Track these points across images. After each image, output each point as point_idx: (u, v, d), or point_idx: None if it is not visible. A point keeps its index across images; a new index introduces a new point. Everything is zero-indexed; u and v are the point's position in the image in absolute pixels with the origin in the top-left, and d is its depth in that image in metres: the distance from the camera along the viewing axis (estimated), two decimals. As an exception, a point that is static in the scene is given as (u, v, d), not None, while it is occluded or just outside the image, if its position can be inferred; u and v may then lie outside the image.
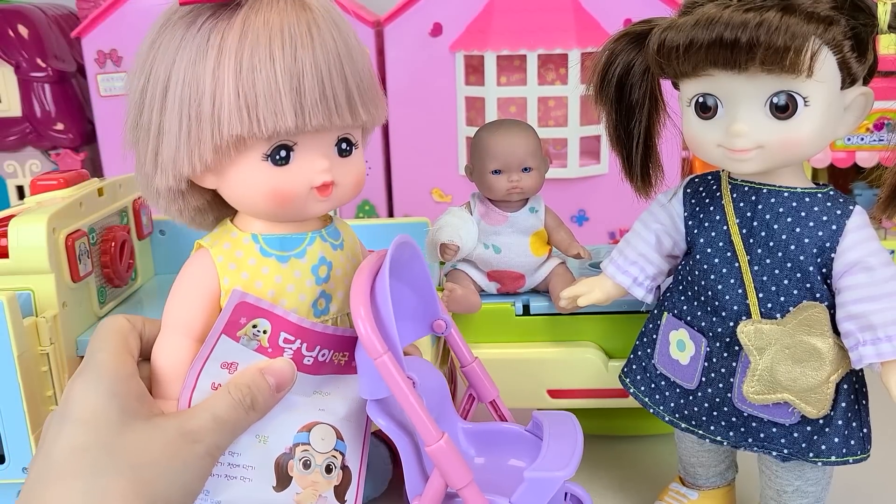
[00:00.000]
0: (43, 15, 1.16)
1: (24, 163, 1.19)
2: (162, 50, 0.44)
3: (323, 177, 0.46)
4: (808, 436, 0.52)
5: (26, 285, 0.61)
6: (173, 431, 0.43)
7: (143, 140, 0.45)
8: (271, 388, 0.47)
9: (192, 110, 0.43)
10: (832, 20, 0.45)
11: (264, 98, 0.42)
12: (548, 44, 0.98)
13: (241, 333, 0.46)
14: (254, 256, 0.47)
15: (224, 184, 0.46)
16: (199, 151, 0.43)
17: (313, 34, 0.43)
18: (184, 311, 0.47)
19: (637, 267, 0.58)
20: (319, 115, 0.43)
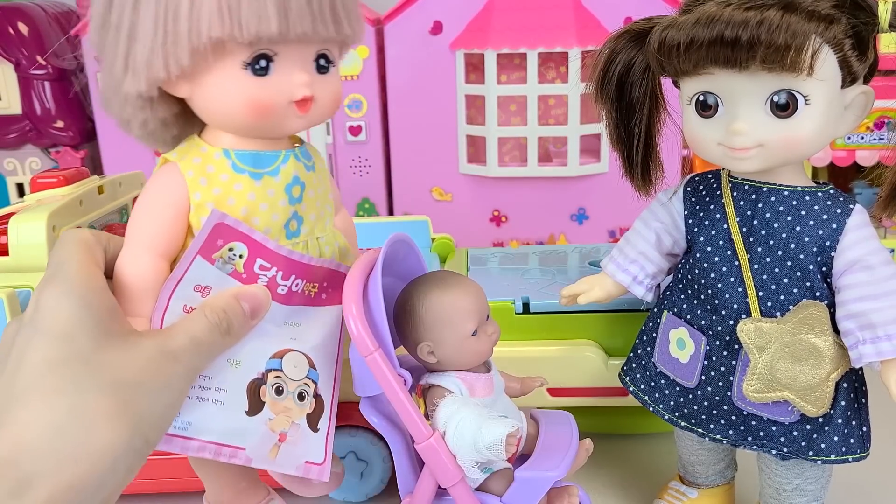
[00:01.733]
0: (43, 13, 1.16)
1: (24, 160, 1.19)
2: None
3: (303, 90, 0.44)
4: (807, 434, 0.52)
5: (26, 283, 0.61)
6: (153, 350, 0.41)
7: (113, 40, 0.42)
8: (245, 314, 0.45)
9: (170, 9, 0.40)
10: (833, 18, 0.45)
11: (248, 2, 0.40)
12: (548, 42, 0.98)
13: (217, 256, 0.45)
14: (226, 172, 0.45)
15: (199, 93, 0.43)
16: (175, 54, 0.41)
17: None
18: (151, 225, 0.45)
19: (637, 265, 0.58)
20: (305, 23, 0.42)
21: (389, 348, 0.46)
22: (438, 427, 0.48)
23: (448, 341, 0.50)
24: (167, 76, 0.42)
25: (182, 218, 0.45)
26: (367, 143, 1.09)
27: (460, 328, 0.50)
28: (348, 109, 1.07)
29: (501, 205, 1.09)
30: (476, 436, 0.47)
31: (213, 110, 0.44)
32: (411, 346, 0.51)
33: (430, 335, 0.50)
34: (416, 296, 0.50)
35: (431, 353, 0.51)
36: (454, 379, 0.51)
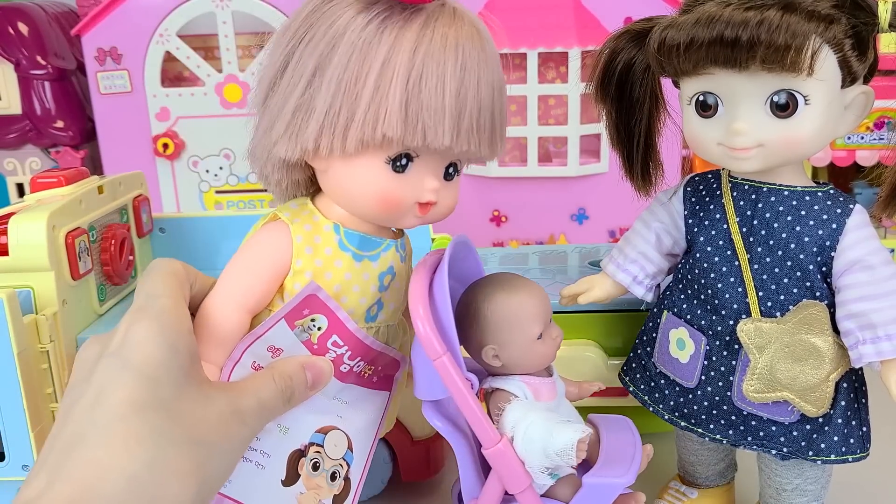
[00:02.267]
0: (43, 13, 1.16)
1: (24, 160, 1.19)
2: (322, 24, 0.42)
3: (430, 195, 0.45)
4: (807, 434, 0.52)
5: (26, 283, 0.61)
6: (226, 406, 0.41)
7: (279, 104, 0.44)
8: (307, 384, 0.46)
9: (349, 96, 0.42)
10: (833, 18, 0.45)
11: (429, 111, 0.41)
12: (548, 42, 0.98)
13: (299, 323, 0.46)
14: (331, 246, 0.46)
15: (337, 172, 0.45)
16: (342, 137, 0.42)
17: (481, 60, 0.43)
18: (248, 281, 0.46)
19: (637, 265, 0.58)
20: (469, 142, 0.43)
21: (457, 351, 0.45)
22: (506, 432, 0.47)
23: (514, 344, 0.49)
24: (325, 153, 0.43)
25: (279, 279, 0.46)
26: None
27: (527, 331, 0.49)
28: (348, 109, 1.07)
29: (501, 205, 1.09)
30: (546, 441, 0.46)
31: (344, 192, 0.46)
32: (475, 348, 0.50)
33: (495, 338, 0.49)
34: (481, 298, 0.49)
35: (496, 356, 0.49)
36: (519, 383, 0.49)
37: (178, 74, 1.13)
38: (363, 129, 0.41)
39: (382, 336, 0.50)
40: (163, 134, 1.09)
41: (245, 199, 1.12)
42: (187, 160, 1.11)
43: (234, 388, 0.43)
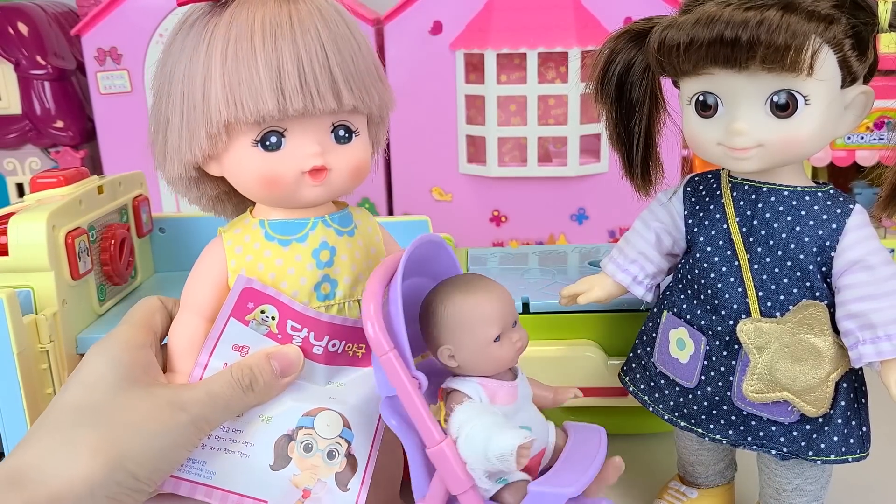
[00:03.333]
0: (43, 13, 1.16)
1: (23, 160, 1.19)
2: (173, 50, 0.48)
3: (313, 161, 0.47)
4: (807, 434, 0.52)
5: (26, 283, 0.61)
6: (163, 398, 0.46)
7: (157, 134, 0.50)
8: (275, 373, 0.48)
9: (189, 101, 0.46)
10: (833, 19, 0.45)
11: (247, 85, 0.45)
12: (548, 42, 0.98)
13: (251, 318, 0.49)
14: (259, 240, 0.50)
15: (224, 170, 0.49)
16: (196, 138, 0.47)
17: (294, 24, 0.45)
18: (195, 291, 0.50)
19: (637, 265, 0.58)
20: (300, 100, 0.45)
21: (405, 349, 0.46)
22: (451, 433, 0.47)
23: (468, 346, 0.48)
24: (194, 158, 0.48)
25: (222, 284, 0.50)
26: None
27: (481, 333, 0.48)
28: (348, 109, 1.07)
29: (501, 205, 1.09)
30: (487, 444, 0.45)
31: (238, 185, 0.50)
32: (433, 348, 0.50)
33: (450, 339, 0.49)
34: (439, 298, 0.49)
35: (452, 356, 0.49)
36: (475, 385, 0.49)
37: (178, 74, 1.13)
38: (206, 122, 0.46)
39: (352, 312, 0.51)
40: (163, 134, 1.08)
41: (245, 199, 1.12)
42: (187, 160, 1.10)
43: (183, 385, 0.48)
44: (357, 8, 1.04)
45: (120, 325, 0.50)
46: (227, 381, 0.48)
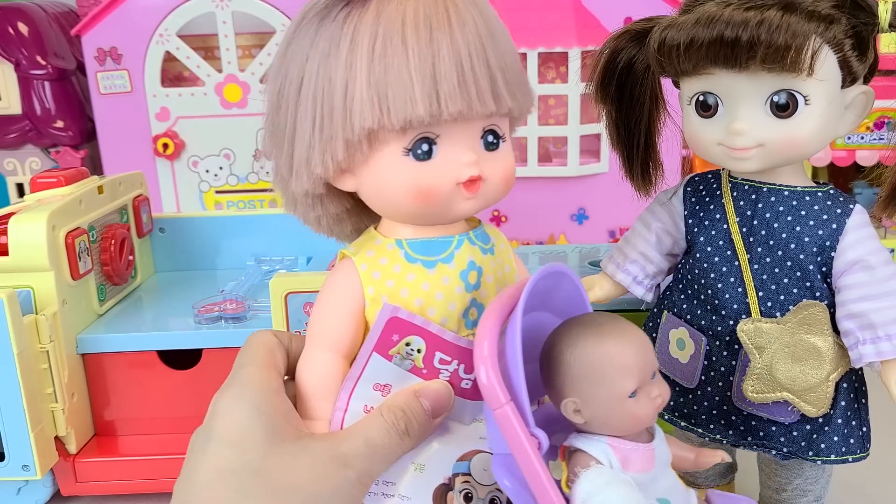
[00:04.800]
0: (43, 13, 1.16)
1: (24, 160, 1.19)
2: (297, 49, 0.41)
3: (469, 170, 0.41)
4: (807, 434, 0.52)
5: (26, 283, 0.62)
6: (323, 454, 0.40)
7: (279, 144, 0.42)
8: (426, 413, 0.42)
9: (325, 105, 0.40)
10: (833, 19, 0.45)
11: (396, 86, 0.38)
12: (548, 42, 0.98)
13: (394, 352, 0.42)
14: (399, 263, 0.43)
15: (363, 184, 0.42)
16: (330, 149, 0.40)
17: (451, 15, 0.39)
18: (327, 324, 0.44)
19: (637, 265, 0.58)
20: (458, 102, 0.39)
21: (524, 402, 0.39)
22: (576, 502, 0.40)
23: (599, 401, 0.41)
24: (325, 172, 0.41)
25: (358, 314, 0.43)
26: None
27: (616, 387, 0.41)
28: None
29: (501, 205, 1.09)
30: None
31: (379, 200, 0.43)
32: (556, 398, 0.43)
33: (577, 390, 0.41)
34: (566, 341, 0.42)
35: (578, 411, 0.42)
36: (604, 446, 0.42)
37: (178, 74, 1.13)
38: (344, 131, 0.40)
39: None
40: (163, 134, 1.09)
41: (245, 199, 1.12)
42: (187, 160, 1.11)
43: (336, 434, 0.42)
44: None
45: (245, 368, 0.42)
46: (382, 427, 0.41)
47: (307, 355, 0.44)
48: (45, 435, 0.62)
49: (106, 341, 0.67)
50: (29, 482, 0.65)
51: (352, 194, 0.44)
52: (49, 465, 0.63)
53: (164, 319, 0.73)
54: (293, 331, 0.63)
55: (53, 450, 0.63)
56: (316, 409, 0.43)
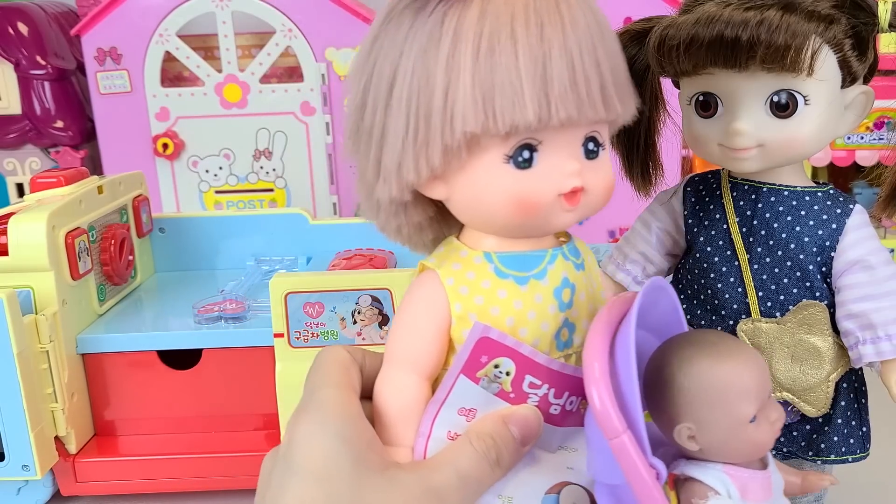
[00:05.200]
0: (43, 13, 1.16)
1: (23, 160, 1.19)
2: (387, 43, 0.37)
3: (572, 181, 0.38)
4: (807, 434, 0.52)
5: (26, 283, 0.62)
6: (415, 488, 0.37)
7: (365, 146, 0.39)
8: (516, 441, 0.39)
9: (421, 107, 0.36)
10: (833, 19, 0.45)
11: (503, 87, 0.35)
12: (548, 42, 0.98)
13: (482, 374, 0.39)
14: (488, 278, 0.40)
15: (456, 193, 0.39)
16: (426, 154, 0.36)
17: (562, 10, 0.36)
18: (410, 343, 0.40)
19: (637, 265, 0.58)
20: (568, 107, 0.36)
21: (641, 429, 0.35)
22: None
23: (717, 426, 0.38)
24: (418, 179, 0.37)
25: (443, 333, 0.40)
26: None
27: (735, 412, 0.38)
28: (348, 109, 1.07)
29: (501, 205, 1.09)
30: None
31: (473, 210, 0.39)
32: (665, 423, 0.40)
33: (693, 415, 0.38)
34: (677, 362, 0.39)
35: (692, 437, 0.39)
36: (721, 474, 0.39)
37: (178, 74, 1.13)
38: (443, 136, 0.36)
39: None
40: (162, 134, 1.09)
41: (245, 199, 1.12)
42: (187, 160, 1.11)
43: (425, 465, 0.38)
44: (357, 8, 1.04)
45: (322, 389, 0.39)
46: (472, 456, 0.38)
47: (388, 377, 0.41)
48: (45, 435, 0.62)
49: (106, 341, 0.67)
50: (29, 482, 0.65)
51: (435, 202, 0.40)
52: (49, 465, 0.63)
53: (164, 319, 0.73)
54: (293, 331, 0.63)
55: (53, 450, 0.63)
56: (399, 435, 0.40)
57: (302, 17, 1.04)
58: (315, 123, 1.07)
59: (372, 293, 0.62)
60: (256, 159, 1.10)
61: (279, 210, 1.01)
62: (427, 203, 0.41)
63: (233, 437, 0.68)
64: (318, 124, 1.07)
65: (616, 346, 0.36)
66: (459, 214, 0.40)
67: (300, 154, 1.09)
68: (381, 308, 0.63)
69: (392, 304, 0.63)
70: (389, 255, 0.77)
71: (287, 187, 1.11)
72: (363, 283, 0.63)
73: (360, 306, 0.63)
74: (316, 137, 1.08)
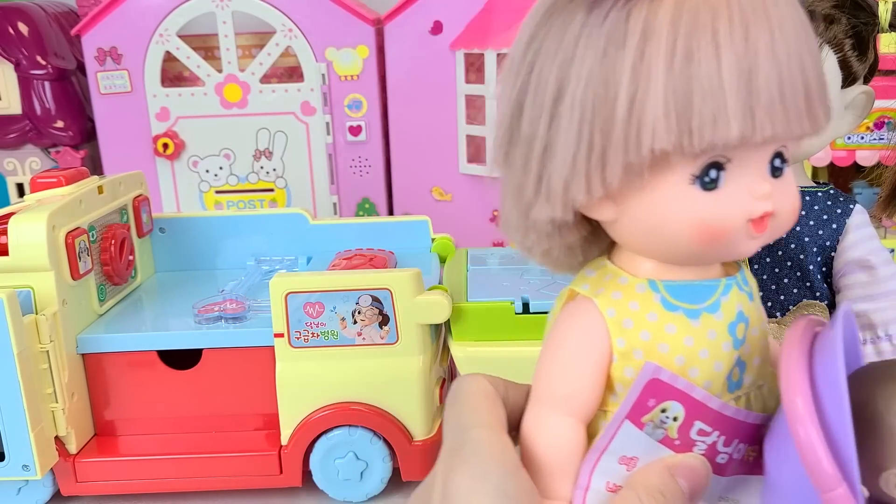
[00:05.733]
0: (43, 13, 1.16)
1: (24, 160, 1.19)
2: (549, 42, 0.33)
3: (764, 205, 0.33)
4: (807, 434, 0.52)
5: (26, 283, 0.61)
6: None
7: (523, 160, 0.34)
8: (684, 495, 0.35)
9: (598, 118, 0.31)
10: (833, 18, 0.45)
11: (703, 98, 0.30)
12: (548, 42, 0.98)
13: (647, 420, 0.35)
14: (654, 310, 0.35)
15: (628, 215, 0.34)
16: (602, 173, 0.32)
17: (769, 9, 0.31)
18: (567, 381, 0.36)
19: (637, 265, 0.58)
20: (775, 123, 0.31)
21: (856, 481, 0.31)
22: None
23: None
24: (589, 199, 0.32)
25: (603, 371, 0.35)
26: (367, 143, 1.09)
27: None
28: (348, 109, 1.07)
29: (501, 205, 1.09)
30: None
31: (648, 236, 0.34)
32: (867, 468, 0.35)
33: None
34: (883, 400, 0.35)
35: None
36: None
37: (178, 74, 1.13)
38: (626, 152, 0.31)
39: (755, 403, 0.38)
40: (163, 134, 1.09)
41: (245, 199, 1.12)
42: (187, 160, 1.11)
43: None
44: (357, 8, 1.04)
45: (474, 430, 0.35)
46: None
47: (542, 419, 0.36)
48: (45, 435, 0.62)
49: (106, 341, 0.67)
50: (29, 482, 0.65)
51: (590, 221, 0.35)
52: (49, 465, 0.63)
53: (164, 319, 0.73)
54: (293, 331, 0.63)
55: (53, 450, 0.63)
56: (556, 487, 0.36)
57: (302, 17, 1.04)
58: (315, 123, 1.07)
59: (372, 293, 0.62)
60: (257, 159, 1.10)
61: (279, 210, 1.01)
62: (583, 223, 0.36)
63: (233, 437, 0.68)
64: (318, 124, 1.07)
65: (817, 381, 0.32)
66: (626, 238, 0.35)
67: (300, 154, 1.09)
68: (381, 308, 0.63)
69: (392, 304, 0.63)
70: (389, 255, 0.77)
71: (287, 187, 1.11)
72: (363, 283, 0.63)
73: (361, 306, 0.63)
74: (316, 137, 1.08)
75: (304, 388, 0.64)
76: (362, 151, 1.09)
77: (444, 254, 0.83)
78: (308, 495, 0.67)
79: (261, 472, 0.66)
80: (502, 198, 0.36)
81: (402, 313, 0.63)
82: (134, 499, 0.68)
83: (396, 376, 0.64)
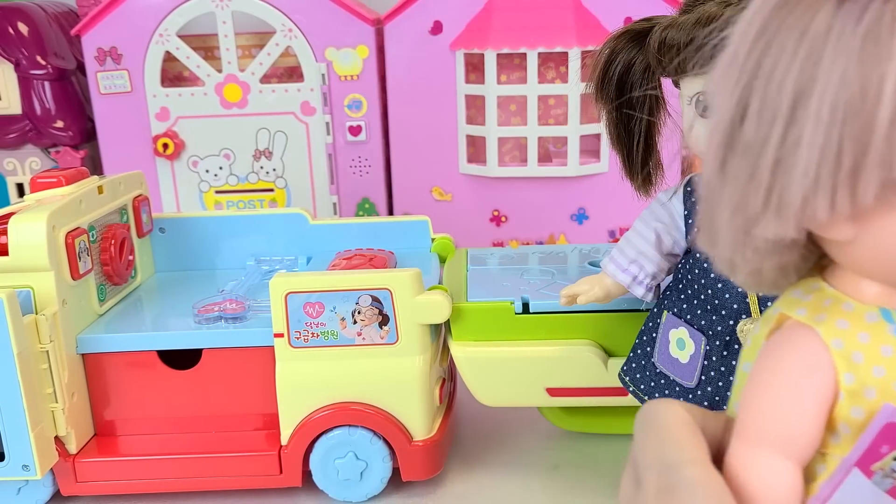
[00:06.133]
0: (43, 13, 1.16)
1: (23, 160, 1.19)
2: (786, 37, 0.28)
3: None
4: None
5: (26, 283, 0.62)
6: None
7: (748, 168, 0.30)
8: None
9: (852, 126, 0.27)
10: None
11: None
12: (548, 42, 0.98)
13: (877, 468, 0.32)
14: (890, 343, 0.31)
15: (872, 237, 0.30)
16: (852, 188, 0.28)
17: None
18: (786, 420, 0.32)
19: (637, 265, 0.58)
20: None
21: None
22: None
23: None
24: (831, 216, 0.29)
25: (826, 410, 0.32)
26: (367, 143, 1.09)
27: None
28: (348, 109, 1.07)
29: (501, 205, 1.09)
30: None
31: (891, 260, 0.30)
32: None
33: None
34: None
35: None
36: None
37: (178, 74, 1.13)
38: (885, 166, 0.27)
39: None
40: (163, 134, 1.09)
41: (245, 199, 1.12)
42: (187, 160, 1.11)
43: None
44: (357, 8, 1.04)
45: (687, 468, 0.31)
46: None
47: (758, 461, 0.33)
48: (45, 435, 0.62)
49: (106, 341, 0.67)
50: (29, 482, 0.65)
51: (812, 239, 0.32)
52: (49, 465, 0.63)
53: (164, 319, 0.73)
54: (293, 331, 0.63)
55: (53, 450, 0.63)
56: None
57: (302, 17, 1.04)
58: (315, 123, 1.07)
59: (372, 293, 0.63)
60: (256, 159, 1.10)
61: (279, 210, 1.01)
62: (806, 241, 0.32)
63: (232, 438, 0.68)
64: (318, 124, 1.07)
65: None
66: (860, 260, 0.31)
67: (300, 154, 1.09)
68: (381, 308, 0.63)
69: (392, 304, 0.63)
70: (389, 255, 0.77)
71: (287, 187, 1.11)
72: (363, 283, 0.63)
73: (361, 306, 0.63)
74: (316, 137, 1.08)
75: (304, 388, 0.64)
76: (362, 151, 1.09)
77: (443, 254, 0.83)
78: (308, 495, 0.67)
79: (261, 473, 0.66)
80: (710, 210, 0.32)
81: (401, 313, 0.63)
82: (134, 499, 0.68)
83: (396, 376, 0.64)
